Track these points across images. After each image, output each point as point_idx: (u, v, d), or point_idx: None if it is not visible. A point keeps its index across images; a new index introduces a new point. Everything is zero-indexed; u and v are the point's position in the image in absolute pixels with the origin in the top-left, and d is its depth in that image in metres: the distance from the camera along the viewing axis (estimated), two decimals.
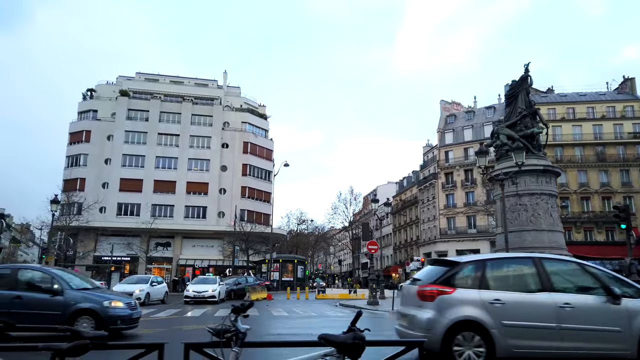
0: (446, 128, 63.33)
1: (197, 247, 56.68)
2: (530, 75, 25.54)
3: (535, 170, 23.14)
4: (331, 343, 3.02)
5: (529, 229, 23.10)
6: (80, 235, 49.37)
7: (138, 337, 10.61)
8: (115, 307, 10.34)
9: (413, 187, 72.66)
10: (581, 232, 50.53)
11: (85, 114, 59.40)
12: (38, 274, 11.17)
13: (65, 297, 10.13)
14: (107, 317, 10.04)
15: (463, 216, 58.11)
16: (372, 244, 23.13)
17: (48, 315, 9.92)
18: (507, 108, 26.07)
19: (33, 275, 11.10)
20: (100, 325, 9.87)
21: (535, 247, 22.84)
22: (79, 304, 10.10)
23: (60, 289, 10.24)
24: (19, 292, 10.21)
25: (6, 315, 9.75)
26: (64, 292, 10.19)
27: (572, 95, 56.89)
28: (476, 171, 58.19)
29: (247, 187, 59.80)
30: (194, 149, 58.78)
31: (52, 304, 10.04)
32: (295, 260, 50.99)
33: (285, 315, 17.45)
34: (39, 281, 10.73)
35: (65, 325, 9.51)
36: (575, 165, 52.17)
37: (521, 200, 23.34)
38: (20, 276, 10.80)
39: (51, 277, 10.66)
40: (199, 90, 64.09)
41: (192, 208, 57.31)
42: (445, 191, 60.38)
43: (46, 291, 10.24)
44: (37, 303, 10.05)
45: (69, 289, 10.32)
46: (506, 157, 24.41)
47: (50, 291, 10.23)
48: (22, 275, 10.91)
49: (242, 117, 62.65)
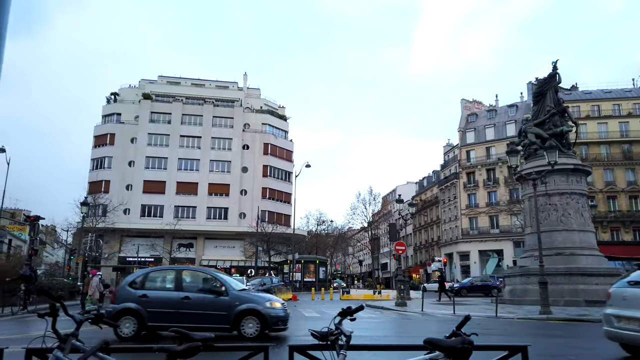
0: (467, 127, 62.73)
1: (219, 248, 57.23)
2: (559, 73, 25.20)
3: (565, 169, 22.83)
4: (438, 347, 3.02)
5: (560, 229, 22.79)
6: (106, 236, 50.27)
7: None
8: (274, 308, 10.27)
9: (434, 187, 72.17)
10: (607, 232, 49.56)
11: (109, 117, 60.48)
12: (201, 275, 11.34)
13: (230, 298, 10.14)
14: (270, 317, 10.00)
15: (485, 216, 57.47)
16: (399, 245, 23.05)
17: (214, 315, 9.98)
18: (535, 106, 25.76)
19: (197, 277, 11.23)
20: (264, 325, 9.90)
21: (566, 247, 22.56)
22: (243, 305, 10.08)
23: (225, 290, 10.29)
24: (187, 292, 10.29)
25: (174, 315, 9.86)
26: (228, 293, 10.23)
27: (596, 93, 55.83)
28: (498, 170, 57.58)
29: (267, 188, 60.18)
30: (216, 150, 59.36)
31: (219, 304, 10.06)
32: (317, 261, 51.06)
33: (317, 316, 17.51)
34: (203, 282, 10.83)
35: (231, 325, 9.79)
36: (601, 163, 51.19)
37: (551, 199, 23.05)
38: (184, 277, 10.89)
39: (214, 277, 10.81)
40: (220, 92, 64.69)
41: (214, 209, 57.88)
42: (467, 191, 59.81)
43: (212, 292, 10.29)
44: (205, 304, 10.10)
45: (232, 289, 10.36)
46: (535, 156, 24.13)
47: (215, 292, 10.27)
48: (187, 277, 11.02)
49: (262, 118, 63.08)
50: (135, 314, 10.07)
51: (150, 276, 11.19)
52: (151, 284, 10.86)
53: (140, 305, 10.15)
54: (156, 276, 11.38)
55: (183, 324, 9.57)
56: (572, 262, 21.76)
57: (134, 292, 10.47)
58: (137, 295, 10.35)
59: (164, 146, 58.18)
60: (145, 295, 10.34)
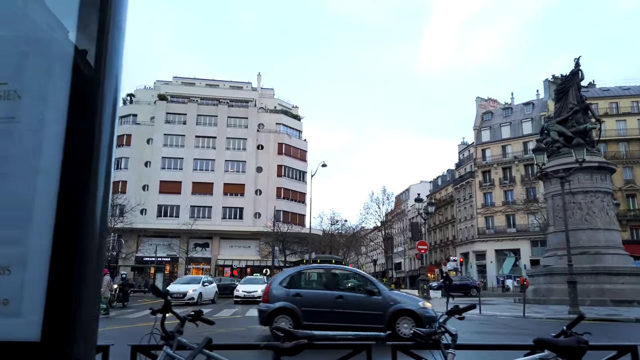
0: (482, 125, 62.25)
1: (234, 248, 57.45)
2: (581, 70, 24.93)
3: (589, 167, 22.57)
4: (552, 347, 2.97)
5: (584, 227, 22.55)
6: (124, 236, 50.76)
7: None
8: (427, 308, 10.22)
9: (448, 186, 71.76)
10: (627, 231, 48.87)
11: (125, 119, 61.03)
12: (350, 274, 11.39)
13: (384, 298, 10.13)
14: (424, 317, 9.93)
15: (502, 215, 57.02)
16: (421, 244, 22.99)
17: (369, 315, 9.94)
18: (557, 104, 25.51)
19: (347, 276, 11.27)
20: (419, 325, 9.68)
21: (591, 246, 22.31)
22: (398, 305, 10.03)
23: (378, 290, 10.29)
24: (340, 292, 10.32)
25: (329, 314, 9.90)
26: (381, 293, 10.22)
27: (614, 90, 55.10)
28: (515, 169, 57.07)
29: (282, 187, 60.28)
30: (230, 150, 59.60)
31: (373, 304, 10.01)
32: (333, 260, 50.92)
33: None
34: (354, 281, 10.88)
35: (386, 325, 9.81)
36: (620, 161, 50.44)
37: (575, 198, 22.80)
38: (335, 276, 10.93)
39: (362, 276, 10.85)
40: (234, 92, 64.96)
41: (229, 209, 58.12)
42: (483, 190, 59.38)
43: (366, 292, 10.29)
44: (359, 303, 10.08)
45: (383, 289, 10.37)
46: (558, 154, 23.90)
47: (368, 291, 10.27)
48: (337, 276, 11.04)
49: (276, 118, 63.21)
50: (290, 313, 10.11)
51: (300, 275, 11.30)
52: (302, 283, 10.98)
53: (295, 304, 10.17)
54: (306, 275, 11.50)
55: (337, 323, 9.80)
56: (597, 262, 21.54)
57: (286, 291, 10.48)
58: (291, 294, 10.37)
59: (179, 147, 58.57)
60: (298, 294, 10.36)
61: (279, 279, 11.06)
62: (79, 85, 1.31)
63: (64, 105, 1.30)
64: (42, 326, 1.33)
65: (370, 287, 10.34)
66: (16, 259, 1.42)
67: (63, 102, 1.30)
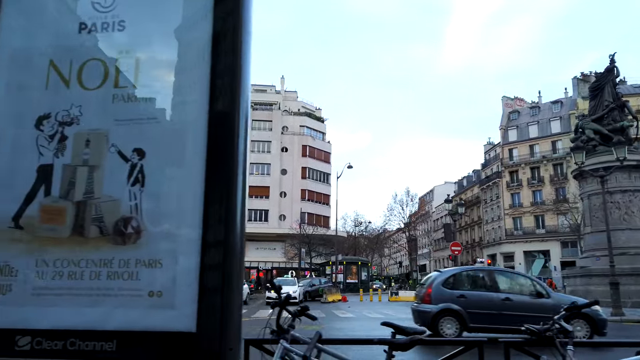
0: (509, 125, 61.31)
1: (260, 250, 57.82)
2: (617, 66, 24.39)
3: (627, 165, 21.99)
4: None
5: (622, 227, 22.01)
6: None
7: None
8: (600, 312, 10.09)
9: (474, 186, 70.87)
10: None
11: None
12: (514, 275, 11.35)
13: (553, 300, 10.01)
14: (599, 320, 9.83)
15: (530, 216, 56.00)
16: (455, 245, 22.74)
17: (538, 318, 9.92)
18: (592, 101, 25.00)
19: (511, 277, 11.20)
20: (594, 329, 9.72)
21: (630, 246, 21.75)
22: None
23: (545, 292, 10.21)
24: (506, 294, 10.26)
25: (495, 317, 9.87)
26: (549, 295, 10.18)
27: None
28: (543, 169, 56.00)
29: (306, 190, 60.51)
30: (255, 153, 60.09)
31: (542, 306, 9.81)
32: (359, 262, 50.93)
33: (380, 317, 17.41)
34: (518, 283, 10.84)
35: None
36: None
37: (612, 197, 22.26)
38: (499, 278, 10.88)
39: (526, 278, 10.85)
40: (259, 96, 65.51)
41: (255, 211, 58.57)
42: (510, 190, 58.44)
43: (532, 294, 10.24)
44: (527, 306, 9.99)
45: (550, 291, 10.33)
46: (594, 153, 23.38)
47: (535, 294, 10.22)
48: (501, 277, 10.98)
49: (300, 120, 63.51)
50: (456, 314, 10.07)
51: (462, 276, 11.24)
52: (465, 285, 10.91)
53: (460, 306, 10.14)
54: (468, 276, 11.41)
55: (504, 325, 9.63)
56: (637, 262, 20.98)
57: (450, 292, 10.45)
58: (455, 295, 10.32)
59: None
60: (463, 296, 10.32)
61: (440, 279, 10.85)
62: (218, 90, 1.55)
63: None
64: (197, 318, 1.40)
65: (539, 289, 10.19)
66: (168, 252, 1.50)
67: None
